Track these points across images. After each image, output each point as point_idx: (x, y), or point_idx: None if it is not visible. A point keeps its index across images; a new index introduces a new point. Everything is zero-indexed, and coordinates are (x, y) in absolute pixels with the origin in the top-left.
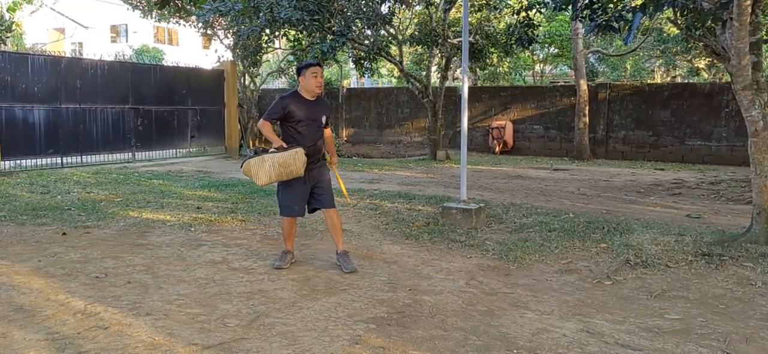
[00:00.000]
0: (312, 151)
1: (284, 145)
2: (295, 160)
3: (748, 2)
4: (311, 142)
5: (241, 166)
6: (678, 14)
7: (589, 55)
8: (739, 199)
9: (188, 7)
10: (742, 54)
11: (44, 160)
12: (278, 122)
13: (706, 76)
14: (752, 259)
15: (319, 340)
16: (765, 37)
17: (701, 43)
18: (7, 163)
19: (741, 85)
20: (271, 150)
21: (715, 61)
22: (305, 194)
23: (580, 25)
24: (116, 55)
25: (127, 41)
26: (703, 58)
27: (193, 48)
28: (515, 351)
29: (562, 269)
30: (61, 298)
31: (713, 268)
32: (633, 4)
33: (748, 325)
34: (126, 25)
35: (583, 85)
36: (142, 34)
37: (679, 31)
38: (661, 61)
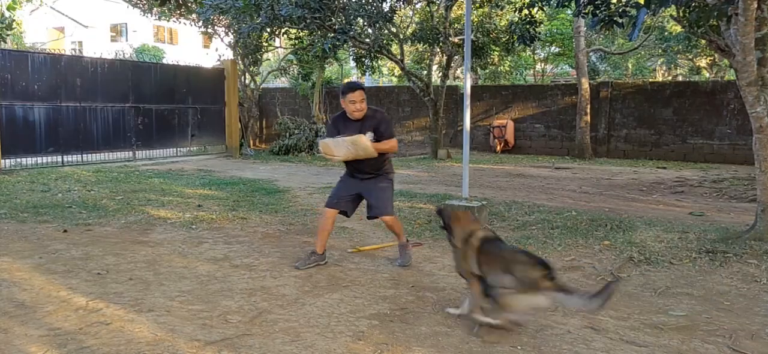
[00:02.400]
0: (359, 166)
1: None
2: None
3: None
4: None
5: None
6: (681, 11)
7: (591, 53)
8: (742, 197)
9: (189, 4)
10: (748, 50)
11: (45, 159)
12: None
13: (707, 75)
14: (757, 256)
15: (322, 336)
16: None
17: (705, 40)
18: (7, 161)
19: (746, 81)
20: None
21: (718, 57)
22: (349, 194)
23: (582, 22)
24: (116, 54)
25: (127, 40)
26: (705, 56)
27: (193, 47)
28: (519, 347)
29: (565, 266)
30: (63, 294)
31: (717, 265)
32: (636, 0)
33: (754, 322)
34: (126, 24)
35: (585, 83)
36: (142, 33)
37: (681, 29)
38: (662, 59)
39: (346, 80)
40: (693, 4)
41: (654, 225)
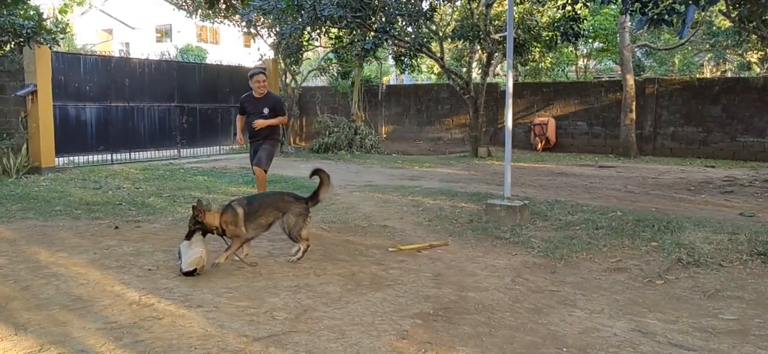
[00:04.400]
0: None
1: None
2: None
3: None
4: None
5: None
6: (731, 6)
7: (636, 49)
8: None
9: (234, 4)
10: None
11: (95, 157)
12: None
13: (758, 70)
14: None
15: (367, 335)
16: None
17: (756, 35)
18: (61, 159)
19: None
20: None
21: None
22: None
23: (627, 18)
24: (161, 55)
25: (171, 41)
26: (756, 51)
27: (234, 46)
28: (565, 349)
29: (611, 268)
30: (117, 289)
31: None
32: None
33: None
34: (171, 24)
35: (630, 79)
36: (186, 33)
37: (730, 24)
38: (710, 55)
39: (392, 78)
40: None
41: (703, 226)
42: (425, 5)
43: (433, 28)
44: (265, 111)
